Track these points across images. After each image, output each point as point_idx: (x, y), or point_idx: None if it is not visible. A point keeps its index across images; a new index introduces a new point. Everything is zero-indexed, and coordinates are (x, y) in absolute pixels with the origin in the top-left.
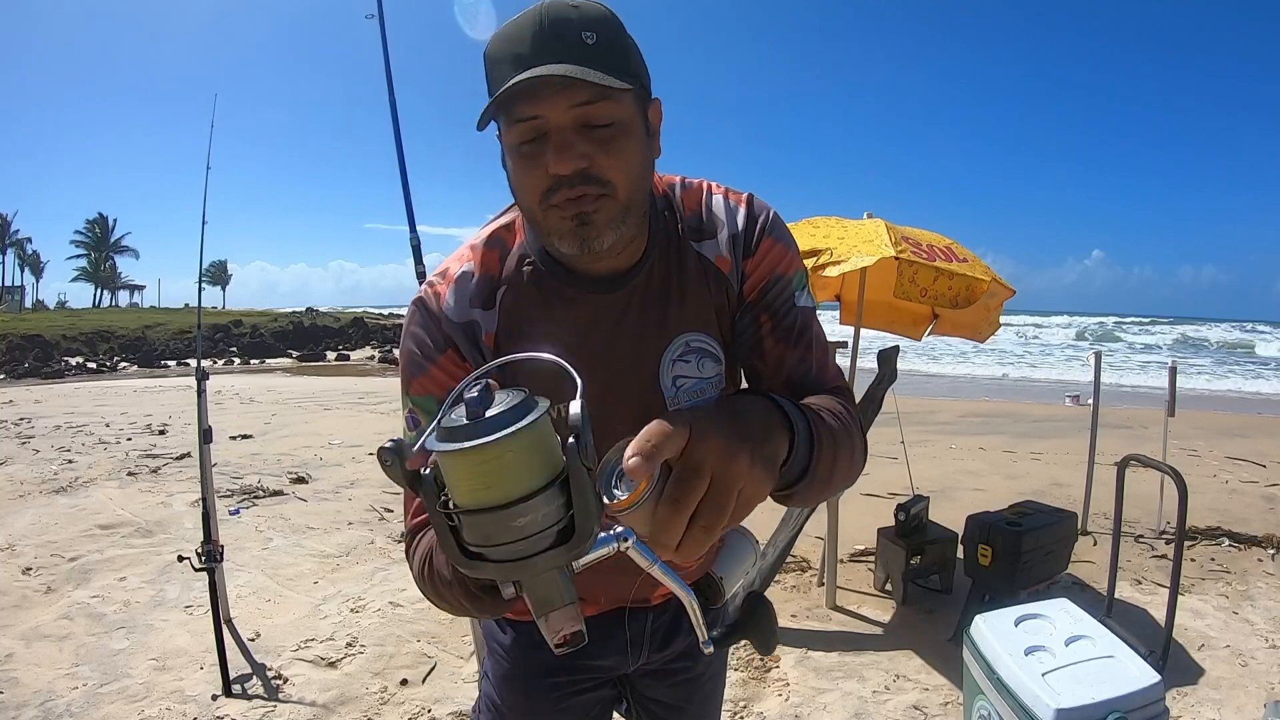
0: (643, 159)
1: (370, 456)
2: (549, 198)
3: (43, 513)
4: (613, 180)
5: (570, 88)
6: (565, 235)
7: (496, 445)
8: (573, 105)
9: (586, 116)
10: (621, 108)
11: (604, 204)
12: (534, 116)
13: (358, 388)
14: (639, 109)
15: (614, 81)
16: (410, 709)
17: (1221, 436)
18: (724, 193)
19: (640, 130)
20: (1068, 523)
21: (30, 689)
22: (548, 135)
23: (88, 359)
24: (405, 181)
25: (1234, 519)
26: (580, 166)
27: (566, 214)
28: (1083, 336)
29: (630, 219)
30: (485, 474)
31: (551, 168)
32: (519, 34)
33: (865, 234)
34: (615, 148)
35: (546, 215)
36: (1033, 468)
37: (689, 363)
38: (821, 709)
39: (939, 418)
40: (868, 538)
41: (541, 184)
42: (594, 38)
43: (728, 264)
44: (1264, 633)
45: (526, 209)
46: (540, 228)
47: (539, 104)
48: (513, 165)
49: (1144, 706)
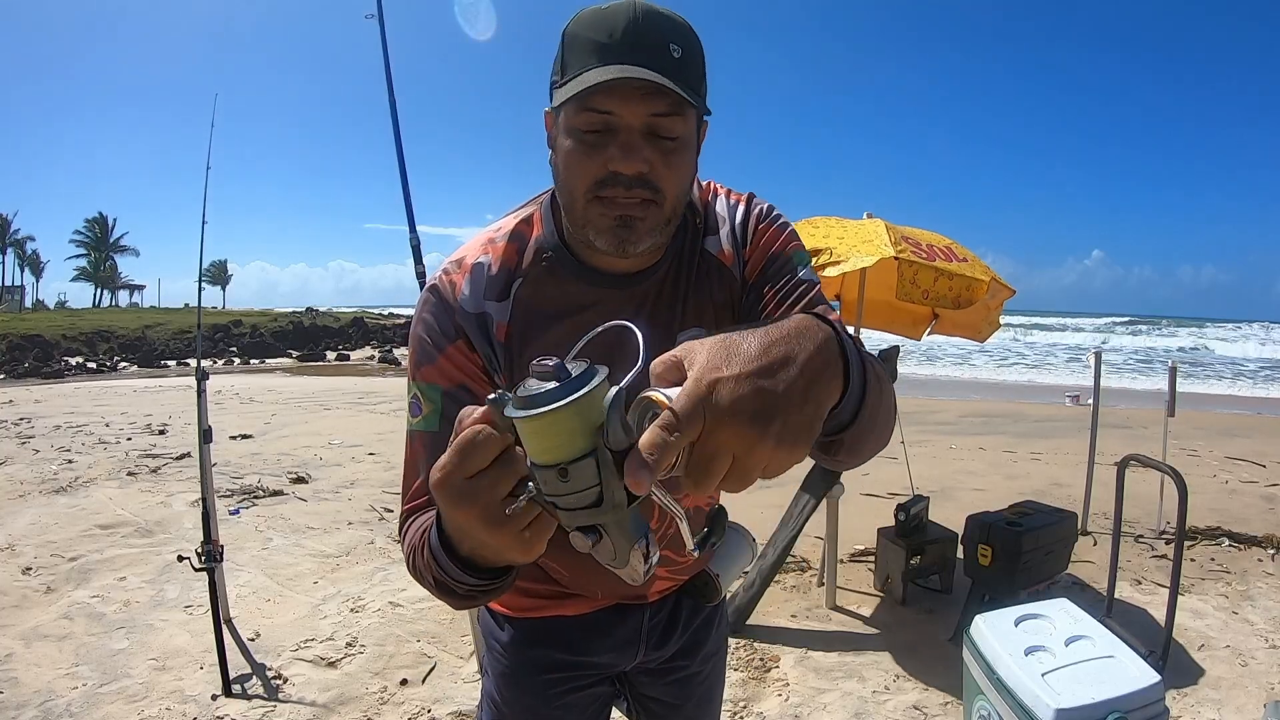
0: (691, 175)
1: (370, 456)
2: (599, 189)
3: (43, 513)
4: (665, 190)
5: (653, 95)
6: (604, 231)
7: (548, 415)
8: (651, 113)
9: (657, 126)
10: (687, 124)
11: (651, 211)
12: (609, 111)
13: (358, 388)
14: (697, 127)
15: (693, 99)
16: (410, 709)
17: (1221, 436)
18: (725, 193)
19: (694, 147)
20: (1068, 523)
21: (30, 689)
22: (615, 131)
23: (88, 359)
24: (405, 182)
25: (1234, 519)
26: (642, 171)
27: (611, 212)
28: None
29: (668, 229)
30: (540, 438)
31: (615, 164)
32: (610, 23)
33: (865, 234)
34: (675, 161)
35: (589, 206)
36: (1033, 468)
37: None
38: (821, 709)
39: (939, 418)
40: (868, 538)
41: (596, 174)
42: (680, 52)
43: (730, 258)
44: (1264, 633)
45: (567, 193)
46: (577, 217)
47: (618, 102)
48: (568, 147)
49: (1144, 706)
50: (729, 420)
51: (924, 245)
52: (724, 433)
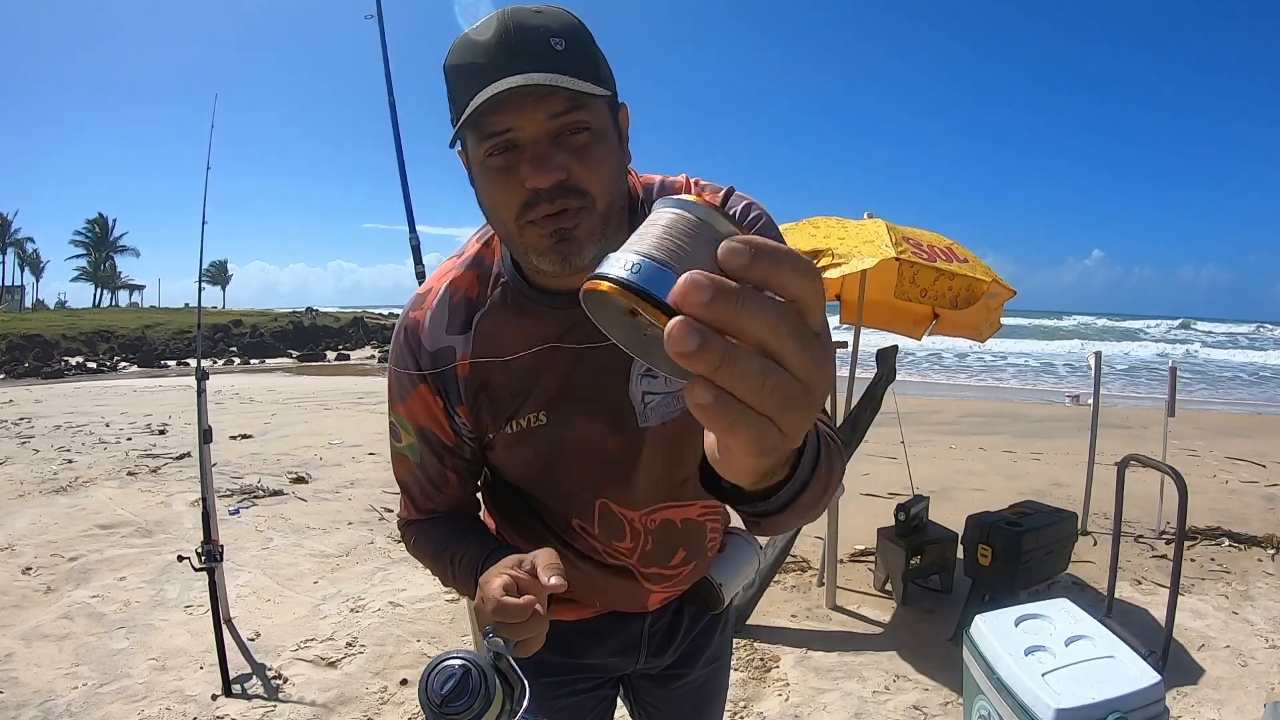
0: (618, 166)
1: (370, 456)
2: (526, 214)
3: (43, 513)
4: (591, 191)
5: (546, 98)
6: (545, 252)
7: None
8: (549, 116)
9: (562, 126)
10: (596, 115)
11: (584, 217)
12: (506, 130)
13: (358, 388)
14: (611, 115)
15: (590, 88)
16: (410, 709)
17: (1221, 436)
18: (699, 191)
19: (613, 137)
20: (1068, 523)
21: (30, 689)
22: (521, 148)
23: (88, 359)
24: (405, 182)
25: (1234, 519)
26: (559, 178)
27: (545, 230)
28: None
29: (610, 229)
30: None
31: (529, 181)
32: (482, 43)
33: (866, 234)
34: (592, 156)
35: (524, 232)
36: (1033, 468)
37: (656, 378)
38: (821, 709)
39: (939, 418)
40: (868, 538)
41: (517, 199)
42: (563, 44)
43: None
44: (1264, 633)
45: (501, 227)
46: (517, 245)
47: (512, 115)
48: (483, 183)
49: (1144, 706)
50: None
51: (925, 245)
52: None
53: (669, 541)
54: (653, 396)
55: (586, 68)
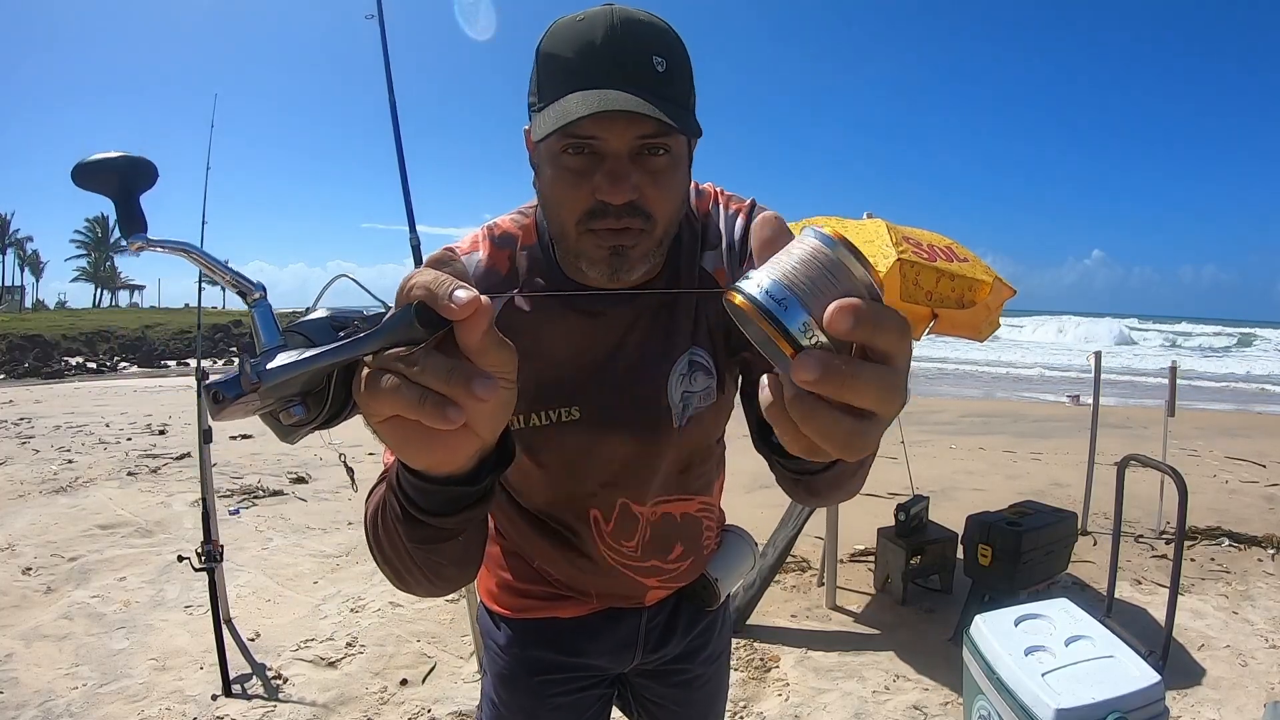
0: (684, 193)
1: (370, 456)
2: (589, 221)
3: (43, 513)
4: (655, 215)
5: (638, 120)
6: (597, 262)
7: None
8: (637, 136)
9: (644, 145)
10: (677, 143)
11: (643, 239)
12: (592, 137)
13: None
14: (689, 142)
15: (684, 125)
16: (410, 709)
17: (1221, 436)
18: (725, 201)
19: (685, 164)
20: (1068, 523)
21: (30, 689)
22: (601, 157)
23: (88, 359)
24: (405, 182)
25: (1234, 519)
26: (632, 199)
27: (604, 243)
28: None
29: (661, 251)
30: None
31: (603, 194)
32: (586, 39)
33: (866, 235)
34: (665, 181)
35: (581, 239)
36: (1033, 468)
37: (689, 378)
38: (821, 709)
39: (939, 418)
40: (868, 538)
41: (583, 204)
42: (664, 64)
43: (725, 275)
44: (1264, 633)
45: (557, 225)
46: (571, 245)
47: (602, 126)
48: (551, 175)
49: (1144, 706)
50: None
51: (925, 245)
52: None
53: (667, 535)
54: (691, 394)
55: (682, 94)
